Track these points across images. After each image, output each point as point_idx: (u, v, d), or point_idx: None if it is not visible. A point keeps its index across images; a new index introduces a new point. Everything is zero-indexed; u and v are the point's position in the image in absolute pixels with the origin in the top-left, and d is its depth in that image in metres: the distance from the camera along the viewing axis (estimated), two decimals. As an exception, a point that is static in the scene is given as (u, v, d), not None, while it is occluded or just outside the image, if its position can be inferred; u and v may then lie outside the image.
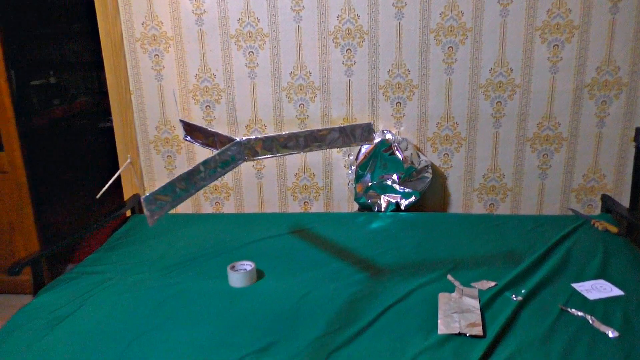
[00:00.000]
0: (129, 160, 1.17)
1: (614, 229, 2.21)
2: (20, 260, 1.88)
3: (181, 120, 1.79)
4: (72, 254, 3.45)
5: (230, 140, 1.45)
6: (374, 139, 1.53)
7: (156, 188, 1.24)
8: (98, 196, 1.29)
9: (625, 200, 2.51)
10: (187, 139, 1.74)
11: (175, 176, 1.25)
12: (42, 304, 1.83)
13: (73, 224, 3.59)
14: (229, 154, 1.38)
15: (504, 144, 2.55)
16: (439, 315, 1.65)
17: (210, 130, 1.63)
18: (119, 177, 1.85)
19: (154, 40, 2.58)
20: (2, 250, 3.12)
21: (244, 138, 1.42)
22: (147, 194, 1.17)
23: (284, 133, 1.46)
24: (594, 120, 2.46)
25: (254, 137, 1.43)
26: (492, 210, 2.66)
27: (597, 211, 2.57)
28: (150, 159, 2.76)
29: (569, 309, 1.66)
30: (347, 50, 2.50)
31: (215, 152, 1.37)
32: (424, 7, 2.41)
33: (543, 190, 2.60)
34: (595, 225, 2.27)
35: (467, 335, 1.54)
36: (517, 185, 2.61)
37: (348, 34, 2.47)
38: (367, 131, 1.49)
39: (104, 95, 2.89)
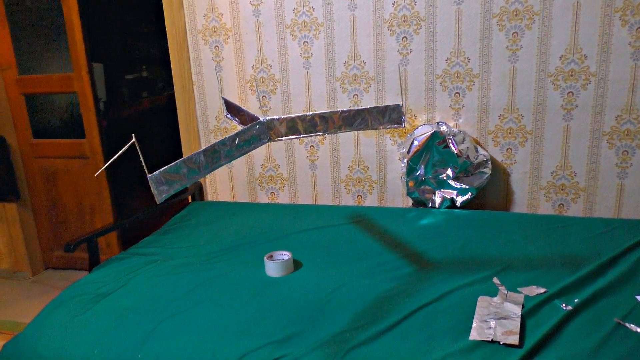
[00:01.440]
0: (133, 140, 1.20)
1: (701, 238, 1.93)
2: (75, 239, 2.02)
3: (223, 98, 1.83)
4: (147, 236, 3.64)
5: (255, 119, 1.43)
6: (404, 121, 1.44)
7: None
8: (96, 175, 1.34)
9: None
10: (228, 116, 1.78)
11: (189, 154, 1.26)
12: (92, 280, 1.94)
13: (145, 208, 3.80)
14: (250, 133, 1.36)
15: (575, 139, 2.32)
16: (474, 320, 1.53)
17: (243, 109, 1.64)
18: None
19: (214, 32, 2.65)
20: (83, 231, 3.38)
21: (267, 118, 1.40)
22: (155, 173, 1.19)
23: (307, 114, 1.42)
24: (685, 113, 2.16)
25: (277, 117, 1.41)
26: (562, 212, 2.43)
27: (688, 217, 2.26)
28: (210, 148, 2.85)
29: (627, 324, 1.47)
30: (402, 38, 2.39)
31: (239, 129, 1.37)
32: (486, -10, 2.25)
33: (622, 192, 2.33)
34: (680, 233, 1.99)
35: (501, 343, 1.42)
36: (591, 185, 2.36)
37: (404, 21, 2.37)
38: (396, 113, 1.41)
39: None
